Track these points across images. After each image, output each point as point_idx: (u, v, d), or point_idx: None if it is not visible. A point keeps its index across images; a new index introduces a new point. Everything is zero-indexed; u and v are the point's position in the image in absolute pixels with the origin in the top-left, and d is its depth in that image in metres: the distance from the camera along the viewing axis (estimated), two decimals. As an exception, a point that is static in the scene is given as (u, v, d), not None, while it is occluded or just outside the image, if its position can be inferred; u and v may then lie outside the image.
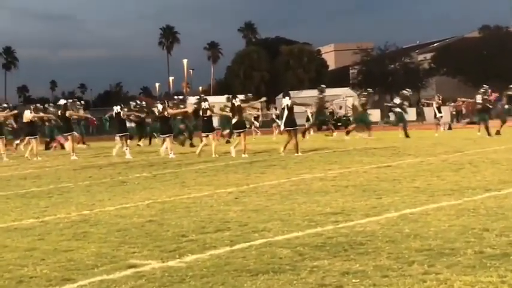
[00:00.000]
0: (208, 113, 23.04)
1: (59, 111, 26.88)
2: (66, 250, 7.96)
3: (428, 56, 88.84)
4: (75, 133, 26.47)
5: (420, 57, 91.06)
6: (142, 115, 31.47)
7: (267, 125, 42.88)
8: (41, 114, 28.53)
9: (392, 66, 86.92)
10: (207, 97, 28.40)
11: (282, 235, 8.20)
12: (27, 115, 26.70)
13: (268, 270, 6.47)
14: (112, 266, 6.99)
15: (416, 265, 6.40)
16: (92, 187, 14.87)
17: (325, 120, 35.08)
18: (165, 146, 23.79)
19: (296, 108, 22.57)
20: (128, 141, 24.93)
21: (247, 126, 27.71)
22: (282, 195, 11.80)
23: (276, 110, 38.75)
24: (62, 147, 31.67)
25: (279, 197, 11.68)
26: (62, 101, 27.27)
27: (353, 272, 6.28)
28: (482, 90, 29.38)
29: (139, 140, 31.67)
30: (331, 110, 40.61)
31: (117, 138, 25.30)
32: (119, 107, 25.16)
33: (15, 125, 31.47)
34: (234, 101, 22.88)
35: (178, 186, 14.12)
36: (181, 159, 21.67)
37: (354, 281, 5.99)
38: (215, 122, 28.22)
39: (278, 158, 20.28)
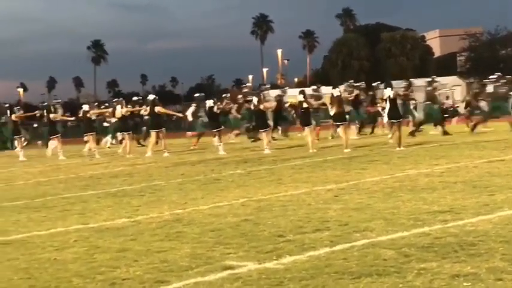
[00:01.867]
0: (305, 105, 23.03)
1: (148, 107, 27.26)
2: (159, 251, 8.11)
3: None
4: (164, 130, 26.75)
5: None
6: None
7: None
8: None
9: (503, 51, 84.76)
10: (304, 89, 28.57)
11: (386, 235, 8.13)
12: (119, 110, 27.30)
13: (371, 273, 6.42)
14: (207, 268, 7.08)
15: (533, 268, 6.25)
16: (184, 185, 15.10)
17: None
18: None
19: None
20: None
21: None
22: (385, 193, 11.70)
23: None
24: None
25: (381, 194, 11.58)
26: (151, 96, 27.67)
27: (464, 274, 6.17)
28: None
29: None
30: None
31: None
32: (211, 101, 25.47)
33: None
34: (333, 91, 22.82)
35: (274, 184, 14.17)
36: (277, 155, 21.75)
37: (465, 284, 5.89)
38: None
39: (380, 153, 20.11)
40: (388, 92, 21.59)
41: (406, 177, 13.76)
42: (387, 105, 21.56)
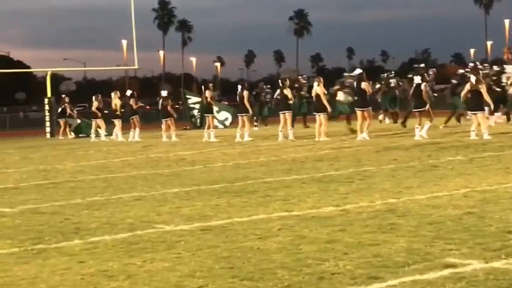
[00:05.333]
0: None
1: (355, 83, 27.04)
2: (371, 244, 8.13)
3: None
4: (370, 109, 26.41)
5: None
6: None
7: None
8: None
9: None
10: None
11: None
12: (315, 89, 27.13)
13: None
14: (425, 265, 7.02)
15: None
16: (397, 172, 15.03)
17: None
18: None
19: None
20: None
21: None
22: None
23: None
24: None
25: None
26: (358, 71, 27.47)
27: None
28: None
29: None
30: None
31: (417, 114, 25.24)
32: (419, 78, 25.01)
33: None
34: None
35: (501, 173, 13.86)
36: (503, 141, 21.17)
37: None
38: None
39: None
40: None
41: None
42: None
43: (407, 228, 8.90)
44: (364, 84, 25.77)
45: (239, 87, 29.33)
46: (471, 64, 32.22)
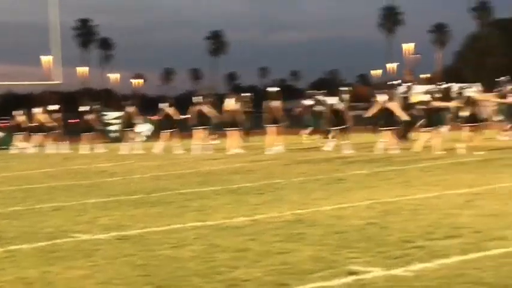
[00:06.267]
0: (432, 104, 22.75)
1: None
2: (280, 252, 8.17)
3: None
4: (281, 125, 26.73)
5: None
6: None
7: None
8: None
9: None
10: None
11: (524, 245, 7.94)
12: (230, 103, 27.23)
13: (508, 285, 6.29)
14: (330, 272, 7.08)
15: None
16: (306, 184, 15.16)
17: None
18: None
19: None
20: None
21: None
22: (524, 199, 11.41)
23: None
24: None
25: (520, 201, 11.31)
26: (274, 89, 27.70)
27: None
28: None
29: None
30: None
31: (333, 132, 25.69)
32: (336, 99, 25.45)
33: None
34: (466, 91, 22.54)
35: (403, 186, 14.07)
36: (406, 156, 21.53)
37: None
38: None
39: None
40: None
41: (547, 183, 13.38)
42: None
43: (314, 238, 8.97)
44: (277, 103, 26.20)
45: (163, 104, 29.29)
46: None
